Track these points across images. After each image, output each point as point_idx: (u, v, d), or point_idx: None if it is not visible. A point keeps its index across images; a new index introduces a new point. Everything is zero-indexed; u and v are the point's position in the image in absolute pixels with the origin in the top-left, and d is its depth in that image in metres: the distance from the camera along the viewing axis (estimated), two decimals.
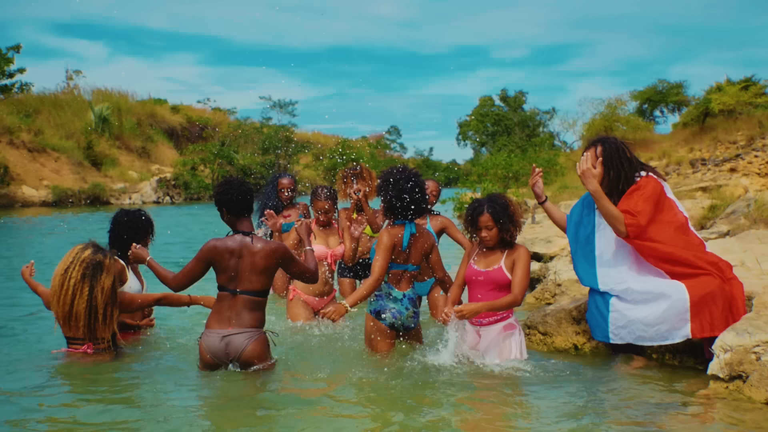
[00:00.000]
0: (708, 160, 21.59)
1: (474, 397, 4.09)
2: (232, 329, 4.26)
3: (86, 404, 3.90)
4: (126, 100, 41.33)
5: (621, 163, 4.51)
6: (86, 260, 4.52)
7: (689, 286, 4.25)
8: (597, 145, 4.57)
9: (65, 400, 4.00)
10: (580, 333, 5.05)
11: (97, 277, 4.50)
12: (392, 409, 3.79)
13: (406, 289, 4.85)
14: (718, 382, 3.81)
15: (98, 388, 4.15)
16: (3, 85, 26.43)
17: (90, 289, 4.47)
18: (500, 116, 48.85)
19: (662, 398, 3.93)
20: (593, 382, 4.31)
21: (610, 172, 4.50)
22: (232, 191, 4.38)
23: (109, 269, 4.56)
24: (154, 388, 4.23)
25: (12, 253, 11.99)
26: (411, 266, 4.85)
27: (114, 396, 4.05)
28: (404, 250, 4.76)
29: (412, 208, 4.75)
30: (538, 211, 15.37)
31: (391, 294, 4.81)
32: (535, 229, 9.77)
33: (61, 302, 4.49)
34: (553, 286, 6.57)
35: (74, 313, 4.49)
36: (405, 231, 4.76)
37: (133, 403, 3.99)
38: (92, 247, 4.62)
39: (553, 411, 3.76)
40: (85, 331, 4.55)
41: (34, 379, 4.35)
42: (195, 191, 36.97)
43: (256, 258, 4.29)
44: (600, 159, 4.51)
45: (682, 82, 33.65)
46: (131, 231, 5.15)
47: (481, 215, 4.62)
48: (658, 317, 4.30)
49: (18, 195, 27.66)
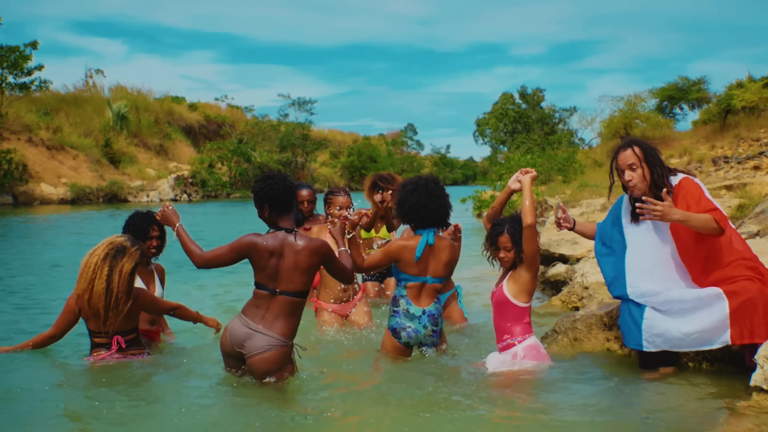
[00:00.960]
0: (731, 158, 21.29)
1: (497, 399, 4.01)
2: (262, 327, 4.09)
3: (104, 403, 3.83)
4: (144, 98, 41.53)
5: (656, 162, 4.37)
6: (113, 243, 4.54)
7: (728, 292, 4.10)
8: (633, 146, 4.42)
9: (82, 397, 3.99)
10: (612, 339, 4.90)
11: (117, 259, 4.48)
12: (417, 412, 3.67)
13: (426, 305, 4.65)
14: (761, 395, 3.65)
15: (120, 388, 4.09)
16: (22, 82, 26.48)
17: (109, 270, 4.44)
18: (519, 113, 48.57)
19: (699, 409, 3.78)
20: (623, 390, 4.16)
21: (649, 169, 4.36)
22: (276, 186, 4.16)
23: (132, 256, 4.53)
24: (171, 390, 4.18)
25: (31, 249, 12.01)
26: (430, 279, 4.64)
27: (130, 395, 4.00)
28: (416, 261, 4.58)
29: (433, 218, 4.61)
30: (560, 212, 15.22)
31: (409, 310, 4.63)
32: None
33: (83, 281, 4.48)
34: (580, 289, 6.42)
35: (94, 294, 4.45)
36: (420, 241, 4.58)
37: (148, 403, 3.94)
38: (126, 236, 4.67)
39: (580, 416, 3.65)
40: (102, 319, 4.49)
41: (48, 377, 4.38)
42: (212, 189, 37.07)
43: (299, 256, 4.09)
44: (642, 156, 4.37)
45: (702, 77, 33.32)
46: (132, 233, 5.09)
47: (501, 236, 4.50)
48: (697, 325, 4.15)
49: (37, 192, 27.81)
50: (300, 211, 7.09)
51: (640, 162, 4.38)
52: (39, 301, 7.31)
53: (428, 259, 4.62)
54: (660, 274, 4.34)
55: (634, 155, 4.39)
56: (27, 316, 6.55)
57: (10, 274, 9.30)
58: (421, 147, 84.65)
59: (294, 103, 47.77)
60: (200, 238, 12.39)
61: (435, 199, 4.59)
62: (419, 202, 4.56)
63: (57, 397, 4.06)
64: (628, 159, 4.40)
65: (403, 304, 4.64)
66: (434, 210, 4.58)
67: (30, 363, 4.68)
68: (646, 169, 4.37)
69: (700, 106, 32.76)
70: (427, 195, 4.57)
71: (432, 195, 4.59)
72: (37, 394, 4.09)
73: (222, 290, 7.97)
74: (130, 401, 3.93)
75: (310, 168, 47.38)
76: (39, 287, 8.23)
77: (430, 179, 4.68)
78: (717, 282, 4.18)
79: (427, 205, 4.56)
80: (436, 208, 4.59)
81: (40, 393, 4.10)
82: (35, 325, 5.94)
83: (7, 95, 26.96)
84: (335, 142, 62.32)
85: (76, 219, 19.96)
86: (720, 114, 25.25)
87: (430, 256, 4.62)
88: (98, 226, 16.92)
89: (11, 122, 28.96)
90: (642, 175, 4.38)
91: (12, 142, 27.97)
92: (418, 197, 4.56)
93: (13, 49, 25.47)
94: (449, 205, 4.70)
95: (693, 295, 4.19)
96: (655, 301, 4.29)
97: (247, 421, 3.64)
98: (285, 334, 4.11)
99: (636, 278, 4.40)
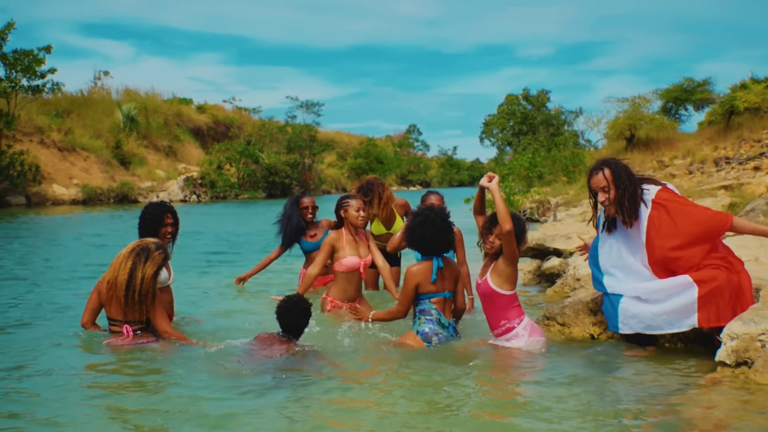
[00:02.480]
0: (732, 159, 21.56)
1: (489, 377, 4.42)
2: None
3: (120, 389, 4.19)
4: (153, 100, 42.00)
5: (625, 184, 4.69)
6: (141, 243, 5.03)
7: (697, 280, 4.48)
8: (603, 169, 4.76)
9: (94, 381, 4.31)
10: (597, 324, 5.27)
11: (141, 257, 4.92)
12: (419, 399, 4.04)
13: (450, 317, 5.14)
14: (725, 368, 4.02)
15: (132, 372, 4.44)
16: (35, 85, 26.95)
17: (132, 266, 4.87)
18: (525, 114, 48.85)
19: (672, 382, 4.15)
20: (606, 367, 4.55)
21: (619, 190, 4.70)
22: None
23: (154, 260, 4.94)
24: (179, 376, 4.44)
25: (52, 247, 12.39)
26: (447, 293, 5.11)
27: (136, 381, 4.31)
28: (433, 282, 5.03)
29: (435, 249, 5.07)
30: (560, 210, 15.55)
31: (441, 320, 5.07)
32: (555, 226, 9.96)
33: (111, 270, 4.95)
34: (573, 280, 6.79)
35: (117, 282, 4.89)
36: (433, 266, 5.04)
37: (155, 391, 4.21)
38: (155, 240, 5.12)
39: (565, 393, 3.99)
40: (120, 307, 4.90)
41: (68, 360, 4.71)
42: (221, 190, 37.47)
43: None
44: (611, 179, 4.71)
45: (707, 78, 33.47)
46: (148, 222, 5.53)
47: (494, 226, 4.95)
48: (667, 308, 4.55)
49: (49, 193, 28.28)
50: (302, 219, 7.41)
51: (610, 184, 4.73)
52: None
53: (442, 278, 5.09)
54: (632, 275, 4.76)
55: (604, 178, 4.75)
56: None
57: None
58: (427, 148, 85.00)
59: (302, 105, 48.19)
60: (212, 234, 12.53)
61: (439, 233, 5.04)
62: (425, 235, 5.04)
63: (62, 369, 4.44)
64: (599, 182, 4.77)
65: (435, 314, 5.08)
66: (437, 243, 5.05)
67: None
68: (615, 191, 4.72)
69: (705, 107, 32.93)
70: (432, 229, 5.04)
71: (437, 230, 5.04)
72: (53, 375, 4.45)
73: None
74: (134, 383, 4.27)
75: (317, 169, 47.76)
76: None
77: (437, 214, 5.11)
78: (690, 270, 4.55)
79: (431, 238, 5.03)
80: (439, 242, 5.05)
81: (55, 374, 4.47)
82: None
83: (22, 97, 27.38)
84: (342, 143, 62.73)
85: (92, 219, 20.39)
86: (724, 115, 25.43)
87: (442, 275, 5.09)
88: (117, 225, 17.32)
89: (24, 124, 29.44)
90: (613, 196, 4.73)
91: (25, 144, 28.44)
92: (424, 231, 5.04)
93: (26, 53, 25.94)
94: (452, 237, 5.15)
95: (665, 284, 4.59)
96: (631, 295, 4.71)
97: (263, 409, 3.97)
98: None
99: (612, 279, 4.85)
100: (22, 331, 5.67)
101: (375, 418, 3.66)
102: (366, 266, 6.10)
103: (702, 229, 4.54)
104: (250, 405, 3.84)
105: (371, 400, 3.96)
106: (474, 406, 3.91)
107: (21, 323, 5.98)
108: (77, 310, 5.66)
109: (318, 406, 3.83)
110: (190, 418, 3.64)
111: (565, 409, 3.71)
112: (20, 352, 4.93)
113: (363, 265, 6.05)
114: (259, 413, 3.71)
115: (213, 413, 3.70)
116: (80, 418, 3.67)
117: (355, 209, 6.08)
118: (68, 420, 3.63)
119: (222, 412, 3.71)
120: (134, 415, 3.71)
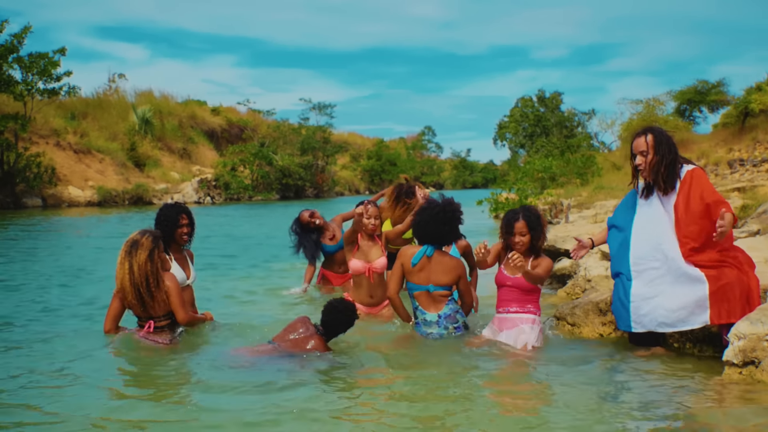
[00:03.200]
0: (746, 161, 21.47)
1: (499, 376, 4.48)
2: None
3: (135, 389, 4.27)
4: (167, 102, 42.21)
5: (665, 151, 4.76)
6: (129, 240, 5.07)
7: (708, 276, 4.52)
8: (647, 134, 4.83)
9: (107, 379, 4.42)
10: (606, 324, 5.32)
11: (133, 253, 4.99)
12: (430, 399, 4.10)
13: (439, 310, 5.15)
14: (732, 368, 4.05)
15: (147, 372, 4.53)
16: (51, 88, 27.17)
17: (129, 265, 4.97)
18: (539, 116, 48.73)
19: (680, 382, 4.19)
20: (616, 367, 4.59)
21: (657, 156, 4.76)
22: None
23: (143, 246, 5.01)
24: (197, 373, 4.53)
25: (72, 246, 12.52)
26: (431, 287, 5.14)
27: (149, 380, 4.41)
28: (412, 266, 5.11)
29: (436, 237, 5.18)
30: (572, 212, 15.54)
31: (426, 319, 5.14)
32: (567, 227, 10.00)
33: (117, 279, 5.03)
34: (584, 281, 6.82)
35: (123, 287, 4.99)
36: (419, 251, 5.13)
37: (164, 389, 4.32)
38: (141, 230, 5.17)
39: (575, 393, 4.02)
40: (139, 306, 5.00)
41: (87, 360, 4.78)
42: (235, 192, 37.62)
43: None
44: (652, 144, 4.78)
45: (721, 80, 33.31)
46: (163, 224, 5.59)
47: (517, 222, 4.99)
48: (680, 303, 4.57)
49: (65, 195, 28.50)
50: (314, 231, 7.49)
51: (650, 149, 4.79)
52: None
53: (427, 269, 5.13)
54: (659, 247, 4.75)
55: (645, 143, 4.82)
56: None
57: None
58: (441, 150, 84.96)
59: (315, 107, 48.31)
60: (228, 236, 12.49)
61: (436, 224, 5.16)
62: (421, 221, 5.21)
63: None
64: (640, 146, 4.84)
65: (419, 315, 5.20)
66: (432, 232, 5.18)
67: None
68: (653, 156, 4.78)
69: (719, 109, 32.78)
70: (431, 219, 5.16)
71: (436, 220, 5.16)
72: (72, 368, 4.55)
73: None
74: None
75: (330, 171, 47.86)
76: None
77: (446, 207, 5.20)
78: (702, 262, 4.58)
79: (426, 225, 5.19)
80: (434, 231, 5.18)
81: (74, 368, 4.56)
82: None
83: (38, 99, 27.61)
84: (356, 145, 62.81)
85: (103, 221, 20.56)
86: (739, 117, 25.30)
87: (428, 267, 5.13)
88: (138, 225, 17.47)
89: (40, 127, 29.67)
90: (650, 160, 4.79)
91: (41, 146, 28.68)
92: (423, 217, 5.20)
93: (42, 56, 26.13)
94: (451, 232, 5.25)
95: (680, 270, 4.61)
96: (643, 268, 4.73)
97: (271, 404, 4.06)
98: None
99: (638, 249, 4.82)
100: (37, 331, 5.77)
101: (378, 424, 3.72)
102: (373, 271, 6.03)
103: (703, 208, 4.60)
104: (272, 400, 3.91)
105: (377, 402, 4.02)
106: (484, 405, 3.95)
107: (34, 322, 6.09)
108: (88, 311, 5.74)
109: (330, 404, 3.89)
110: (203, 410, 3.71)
111: (576, 410, 3.75)
112: (41, 354, 5.04)
113: (369, 269, 6.03)
114: (275, 410, 3.77)
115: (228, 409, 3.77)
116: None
117: (366, 217, 6.06)
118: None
119: (238, 408, 3.78)
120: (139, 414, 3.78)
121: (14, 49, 25.60)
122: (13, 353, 4.99)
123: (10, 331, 5.73)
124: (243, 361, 4.62)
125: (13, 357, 4.89)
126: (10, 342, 5.30)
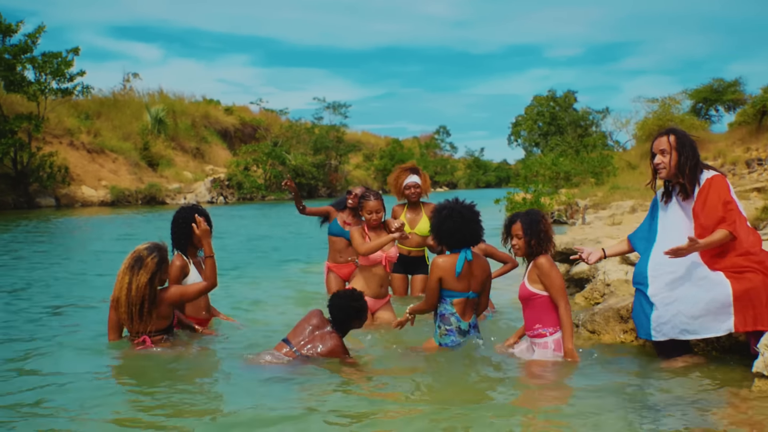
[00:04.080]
0: (764, 160, 21.20)
1: (519, 385, 4.36)
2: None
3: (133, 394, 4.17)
4: (181, 102, 42.27)
5: (687, 153, 4.64)
6: (135, 252, 4.86)
7: (732, 281, 4.36)
8: (669, 134, 4.72)
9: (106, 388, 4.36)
10: (627, 331, 5.15)
11: (135, 270, 4.78)
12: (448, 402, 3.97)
13: (469, 318, 4.97)
14: (762, 380, 3.87)
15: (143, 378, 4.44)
16: (64, 88, 27.20)
17: (129, 281, 4.77)
18: (553, 115, 48.50)
19: (706, 395, 4.01)
20: (639, 376, 4.44)
21: (681, 157, 4.64)
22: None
23: (147, 267, 4.79)
24: (194, 378, 4.49)
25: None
26: (471, 294, 4.92)
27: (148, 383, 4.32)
28: (457, 276, 4.84)
29: (466, 240, 4.90)
30: (588, 212, 15.36)
31: (461, 327, 4.92)
32: (584, 230, 9.82)
33: (115, 289, 4.83)
34: (602, 286, 6.64)
35: (118, 300, 4.81)
36: (459, 258, 4.85)
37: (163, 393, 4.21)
38: (149, 244, 4.94)
39: (597, 403, 3.88)
40: (129, 322, 4.82)
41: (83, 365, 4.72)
42: (248, 191, 37.60)
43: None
44: (674, 144, 4.67)
45: (738, 79, 33.03)
46: (181, 226, 5.42)
47: (514, 224, 4.85)
48: (702, 309, 4.40)
49: (78, 195, 28.56)
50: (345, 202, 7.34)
51: (671, 149, 4.66)
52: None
53: (468, 274, 4.90)
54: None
55: (667, 142, 4.70)
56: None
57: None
58: (454, 149, 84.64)
59: (329, 106, 48.23)
60: (236, 237, 12.55)
61: (467, 224, 4.89)
62: (453, 227, 4.87)
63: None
64: (661, 144, 4.72)
65: (454, 322, 4.92)
66: (468, 234, 4.89)
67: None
68: (674, 156, 4.65)
69: (735, 107, 32.50)
70: (460, 220, 4.87)
71: (466, 220, 4.89)
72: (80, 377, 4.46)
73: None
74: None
75: (343, 170, 47.80)
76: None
77: (462, 205, 4.95)
78: (725, 269, 4.42)
79: (460, 229, 4.87)
80: (469, 232, 4.90)
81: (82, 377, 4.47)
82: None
83: (52, 99, 27.67)
84: (369, 144, 62.70)
85: (119, 220, 20.56)
86: (756, 116, 25.04)
87: (469, 272, 4.90)
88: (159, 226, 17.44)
89: (53, 126, 29.75)
90: (670, 161, 4.66)
91: (54, 146, 28.75)
92: (452, 223, 4.87)
93: (55, 56, 26.16)
94: (481, 228, 5.01)
95: (702, 274, 4.45)
96: (664, 279, 4.55)
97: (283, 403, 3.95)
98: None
99: (658, 256, 4.64)
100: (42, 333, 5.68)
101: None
102: (389, 260, 5.96)
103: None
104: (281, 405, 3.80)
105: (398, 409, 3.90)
106: (506, 414, 3.81)
107: (45, 325, 6.00)
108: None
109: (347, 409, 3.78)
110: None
111: (599, 420, 3.61)
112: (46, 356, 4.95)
113: (386, 258, 5.91)
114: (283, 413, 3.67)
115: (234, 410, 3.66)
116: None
117: (368, 211, 5.99)
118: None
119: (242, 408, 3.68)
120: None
121: (28, 49, 25.66)
122: (17, 357, 4.92)
123: (18, 332, 5.66)
124: (258, 369, 4.52)
125: (19, 362, 4.82)
126: (16, 344, 5.24)
